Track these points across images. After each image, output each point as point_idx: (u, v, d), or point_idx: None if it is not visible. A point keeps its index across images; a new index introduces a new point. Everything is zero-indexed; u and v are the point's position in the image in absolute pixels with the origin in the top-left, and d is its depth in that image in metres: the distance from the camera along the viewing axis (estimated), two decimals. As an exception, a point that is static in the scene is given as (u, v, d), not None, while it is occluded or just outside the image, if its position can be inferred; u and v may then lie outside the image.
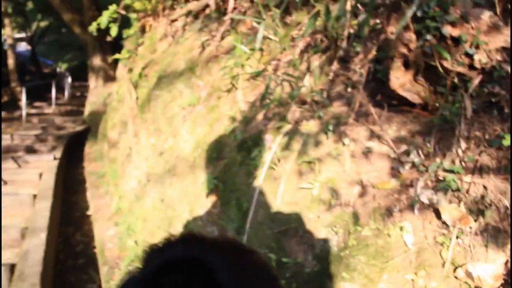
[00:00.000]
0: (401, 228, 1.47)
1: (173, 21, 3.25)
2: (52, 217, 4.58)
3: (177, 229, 2.73)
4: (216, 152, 2.48)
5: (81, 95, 13.87)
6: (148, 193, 3.34)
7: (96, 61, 10.10)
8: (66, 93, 13.77)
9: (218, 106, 2.62)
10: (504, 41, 1.57)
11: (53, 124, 10.15)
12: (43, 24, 17.72)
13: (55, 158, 7.12)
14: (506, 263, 1.36)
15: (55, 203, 5.01)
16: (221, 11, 2.83)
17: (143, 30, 3.83)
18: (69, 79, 14.03)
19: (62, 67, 18.90)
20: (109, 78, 9.69)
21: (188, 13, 3.05)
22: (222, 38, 2.76)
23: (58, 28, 17.61)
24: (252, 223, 1.90)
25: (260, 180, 1.94)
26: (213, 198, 2.43)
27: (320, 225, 1.62)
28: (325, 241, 1.60)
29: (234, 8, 2.72)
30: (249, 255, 0.95)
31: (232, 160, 2.29)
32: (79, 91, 14.58)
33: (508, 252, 1.36)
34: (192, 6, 2.97)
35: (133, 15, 3.85)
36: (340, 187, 1.66)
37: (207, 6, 2.85)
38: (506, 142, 1.48)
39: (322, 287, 1.56)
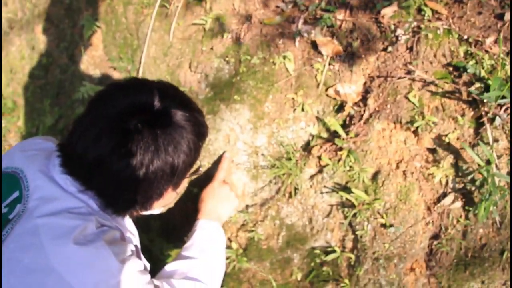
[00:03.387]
0: (284, 57, 1.70)
1: None
2: None
3: (56, 75, 2.68)
4: (97, -6, 2.41)
5: None
6: (12, 42, 3.12)
7: None
8: None
9: None
10: None
11: None
12: None
13: None
14: (364, 83, 1.70)
15: None
16: None
17: None
18: None
19: None
20: None
21: None
22: None
23: None
24: (145, 59, 1.98)
25: (152, 18, 2.00)
26: (95, 41, 2.41)
27: (213, 56, 1.79)
28: (218, 70, 1.78)
29: None
30: (184, 94, 1.15)
31: (116, 1, 2.27)
32: None
33: (367, 75, 1.70)
34: None
35: None
36: (231, 22, 1.81)
37: None
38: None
39: (216, 109, 1.77)
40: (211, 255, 1.42)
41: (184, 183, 1.23)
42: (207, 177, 1.80)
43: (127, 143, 0.96)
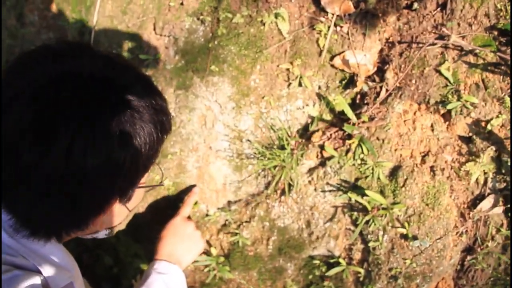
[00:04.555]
0: (276, 16, 1.31)
1: None
2: None
3: (4, 40, 2.26)
4: None
5: None
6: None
7: None
8: None
9: None
10: None
11: None
12: None
13: None
14: (381, 51, 1.31)
15: None
16: None
17: None
18: None
19: None
20: None
21: None
22: None
23: None
24: (99, 18, 1.57)
25: (108, -34, 1.57)
26: (46, 0, 2.00)
27: (183, 13, 1.38)
28: (190, 32, 1.38)
29: None
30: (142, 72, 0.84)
31: None
32: None
33: (384, 40, 1.30)
34: None
35: None
36: (208, -30, 1.40)
37: None
38: None
39: (188, 83, 1.38)
40: None
41: (138, 196, 0.89)
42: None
43: (47, 123, 0.66)
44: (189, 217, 1.42)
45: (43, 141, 0.65)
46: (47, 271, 0.79)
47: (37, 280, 0.76)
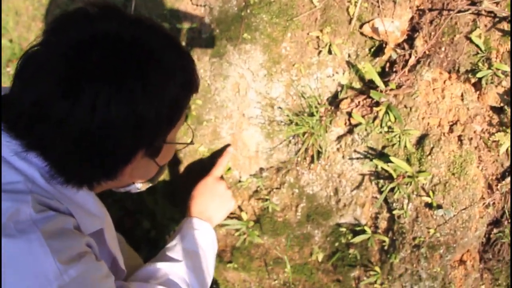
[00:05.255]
0: (308, -15, 1.32)
1: None
2: None
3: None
4: None
5: None
6: (18, -21, 2.84)
7: None
8: None
9: None
10: None
11: None
12: None
13: None
14: (411, 19, 1.30)
15: None
16: None
17: None
18: None
19: None
20: None
21: None
22: None
23: None
24: (140, -10, 1.64)
25: None
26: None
27: (219, -18, 1.42)
28: (224, 2, 1.42)
29: None
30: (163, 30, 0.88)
31: None
32: None
33: (414, 8, 1.30)
34: None
35: None
36: None
37: None
38: None
39: (222, 51, 1.43)
40: (197, 259, 1.23)
41: (167, 153, 0.97)
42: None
43: (74, 79, 0.73)
44: (221, 178, 1.47)
45: (70, 97, 0.73)
46: (79, 215, 0.88)
47: (69, 221, 0.84)
